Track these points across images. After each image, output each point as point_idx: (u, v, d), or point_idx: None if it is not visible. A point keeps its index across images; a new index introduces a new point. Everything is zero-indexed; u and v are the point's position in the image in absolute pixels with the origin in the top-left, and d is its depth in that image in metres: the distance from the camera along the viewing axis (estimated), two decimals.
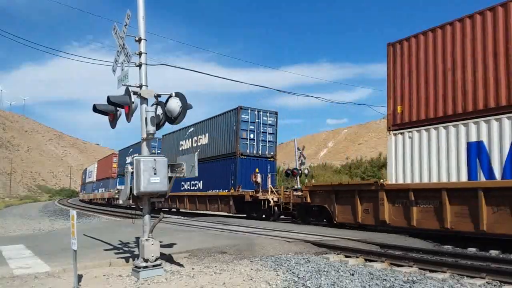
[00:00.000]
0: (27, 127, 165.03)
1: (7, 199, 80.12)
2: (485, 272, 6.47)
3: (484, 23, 10.59)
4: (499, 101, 10.01)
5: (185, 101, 6.87)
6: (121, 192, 6.91)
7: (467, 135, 10.56)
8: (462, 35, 11.06)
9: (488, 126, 10.14)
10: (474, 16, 10.82)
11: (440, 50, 11.57)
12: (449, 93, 11.16)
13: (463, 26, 11.05)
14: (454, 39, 11.25)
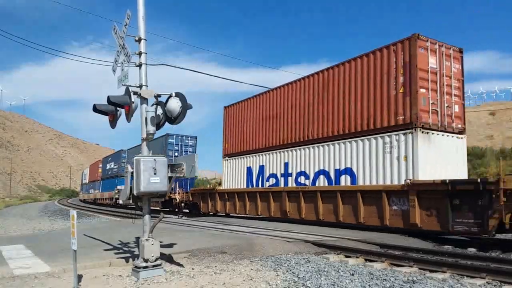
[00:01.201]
0: (27, 127, 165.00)
1: (7, 199, 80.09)
2: (485, 272, 6.47)
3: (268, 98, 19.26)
4: (273, 143, 18.48)
5: (185, 101, 6.86)
6: (121, 192, 6.91)
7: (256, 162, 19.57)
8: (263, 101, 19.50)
9: (268, 156, 18.77)
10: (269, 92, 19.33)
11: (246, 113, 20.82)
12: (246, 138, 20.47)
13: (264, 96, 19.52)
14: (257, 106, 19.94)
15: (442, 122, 12.91)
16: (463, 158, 13.50)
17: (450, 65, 13.42)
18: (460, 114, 13.58)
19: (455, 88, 13.46)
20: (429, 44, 12.97)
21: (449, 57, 13.43)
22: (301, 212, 15.51)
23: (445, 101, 13.06)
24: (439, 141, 12.76)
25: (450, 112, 13.19)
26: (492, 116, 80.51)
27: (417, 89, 12.36)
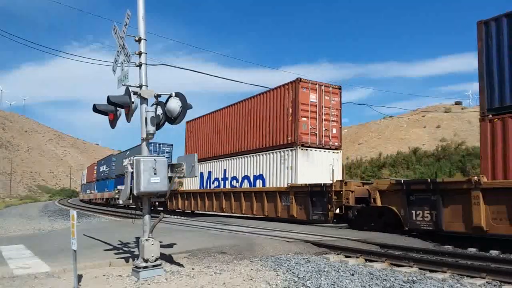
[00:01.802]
0: (27, 127, 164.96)
1: (7, 199, 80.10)
2: (485, 272, 6.47)
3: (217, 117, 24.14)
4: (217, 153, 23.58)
5: (185, 101, 6.86)
6: (121, 192, 6.91)
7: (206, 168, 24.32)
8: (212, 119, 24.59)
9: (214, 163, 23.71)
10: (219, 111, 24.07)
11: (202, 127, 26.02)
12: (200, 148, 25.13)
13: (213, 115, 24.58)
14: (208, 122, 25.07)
15: (320, 142, 17.82)
16: (338, 167, 18.05)
17: (329, 99, 18.41)
18: (337, 135, 18.48)
19: (333, 115, 18.40)
20: (310, 84, 17.97)
21: (328, 93, 18.44)
22: (232, 207, 19.97)
23: (323, 126, 17.98)
24: (316, 155, 17.61)
25: (328, 134, 18.07)
26: None
27: (299, 118, 17.35)
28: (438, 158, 47.79)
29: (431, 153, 51.80)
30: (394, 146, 66.26)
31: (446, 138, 70.91)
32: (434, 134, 77.34)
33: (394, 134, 79.19)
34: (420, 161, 47.73)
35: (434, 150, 54.16)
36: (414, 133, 75.61)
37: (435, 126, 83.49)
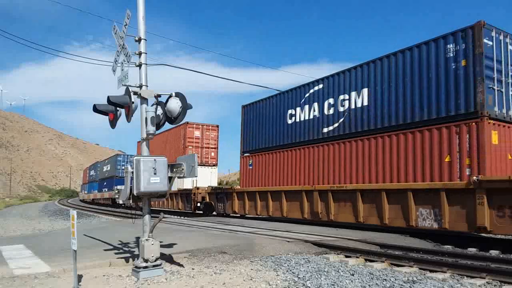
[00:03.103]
0: (27, 127, 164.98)
1: (7, 199, 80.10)
2: (485, 272, 6.47)
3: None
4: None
5: (185, 101, 6.86)
6: (121, 192, 6.91)
7: None
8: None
9: None
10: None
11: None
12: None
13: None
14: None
15: (202, 161, 27.60)
16: (215, 178, 29.26)
17: (209, 134, 28.80)
18: (215, 157, 28.89)
19: (212, 144, 28.76)
20: (195, 125, 28.23)
21: (209, 130, 28.87)
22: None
23: (205, 151, 28.18)
24: (202, 170, 26.36)
25: (208, 156, 28.38)
26: None
27: (186, 146, 27.48)
28: None
29: None
30: None
31: None
32: None
33: None
34: None
35: None
36: None
37: None
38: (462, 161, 10.83)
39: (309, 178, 15.82)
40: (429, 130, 11.65)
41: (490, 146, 10.51)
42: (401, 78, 12.75)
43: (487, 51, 10.80)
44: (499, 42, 11.23)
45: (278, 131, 17.91)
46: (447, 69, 11.50)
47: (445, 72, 11.54)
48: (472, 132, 10.67)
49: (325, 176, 15.10)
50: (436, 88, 11.75)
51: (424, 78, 12.08)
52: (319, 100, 15.84)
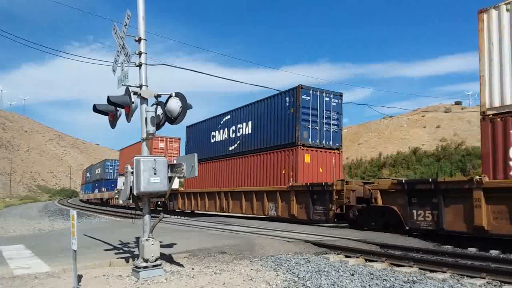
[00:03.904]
0: (27, 127, 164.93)
1: (7, 199, 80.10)
2: (485, 272, 6.47)
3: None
4: None
5: (185, 101, 6.86)
6: (121, 192, 6.91)
7: None
8: None
9: None
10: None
11: None
12: None
13: None
14: None
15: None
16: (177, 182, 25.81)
17: (172, 145, 31.39)
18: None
19: (174, 154, 30.57)
20: (159, 138, 30.59)
21: (172, 142, 31.45)
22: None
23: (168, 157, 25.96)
24: None
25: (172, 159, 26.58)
26: None
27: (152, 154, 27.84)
28: (438, 158, 47.78)
29: (431, 153, 51.80)
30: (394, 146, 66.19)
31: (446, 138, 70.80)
32: (434, 134, 77.27)
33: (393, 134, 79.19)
34: (420, 161, 47.73)
35: (434, 150, 54.18)
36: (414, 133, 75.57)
37: (435, 126, 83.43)
38: (290, 173, 16.74)
39: (221, 182, 21.80)
40: (277, 152, 17.69)
41: (302, 164, 16.60)
42: (266, 117, 18.77)
43: (304, 103, 16.74)
44: (316, 96, 17.17)
45: (206, 147, 23.70)
46: (285, 114, 17.43)
47: (284, 115, 17.46)
48: (294, 155, 16.65)
49: (228, 181, 21.05)
50: (281, 125, 17.65)
51: (276, 118, 18.05)
52: (227, 127, 22.01)
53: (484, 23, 10.55)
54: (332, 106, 17.63)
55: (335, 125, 17.82)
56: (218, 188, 21.73)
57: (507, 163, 9.64)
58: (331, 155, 17.50)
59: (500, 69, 10.06)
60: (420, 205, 11.44)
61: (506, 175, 9.64)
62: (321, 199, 14.84)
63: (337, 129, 17.96)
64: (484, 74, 10.39)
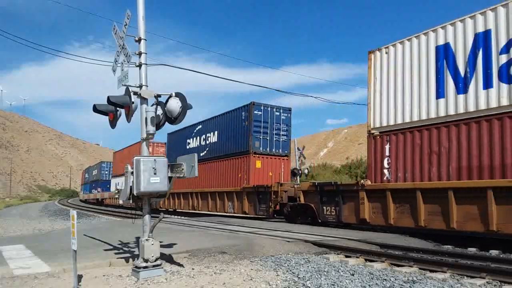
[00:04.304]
0: (27, 127, 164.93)
1: (7, 199, 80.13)
2: (485, 272, 6.47)
3: None
4: None
5: (185, 101, 6.86)
6: (121, 192, 6.91)
7: None
8: None
9: None
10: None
11: None
12: None
13: None
14: None
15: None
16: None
17: (158, 149, 32.24)
18: None
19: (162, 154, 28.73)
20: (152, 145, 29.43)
21: (158, 146, 32.32)
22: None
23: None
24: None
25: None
26: None
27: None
28: None
29: None
30: None
31: None
32: None
33: None
34: None
35: None
36: None
37: None
38: (245, 176, 19.86)
39: (194, 184, 24.20)
40: (235, 158, 20.80)
41: (254, 169, 19.72)
42: (227, 128, 22.00)
43: (256, 117, 19.94)
44: (267, 111, 20.40)
45: (183, 152, 24.49)
46: (242, 126, 20.59)
47: (241, 127, 20.63)
48: (247, 161, 19.85)
49: (199, 183, 23.77)
50: (238, 136, 20.80)
51: (234, 129, 21.26)
52: (199, 135, 25.14)
53: (371, 61, 13.27)
54: (281, 119, 20.77)
55: (284, 135, 21.00)
56: (191, 189, 24.88)
57: (382, 171, 12.42)
58: (280, 161, 20.74)
59: (380, 98, 12.84)
60: (328, 202, 14.41)
61: (381, 180, 12.41)
62: (264, 198, 18.29)
63: (286, 139, 21.06)
64: (370, 102, 13.14)
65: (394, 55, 12.64)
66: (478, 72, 10.49)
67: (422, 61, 11.78)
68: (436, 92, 11.37)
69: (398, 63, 12.47)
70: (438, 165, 11.05)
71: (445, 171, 10.84)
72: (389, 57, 12.80)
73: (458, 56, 10.96)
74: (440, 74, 11.34)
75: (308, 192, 15.46)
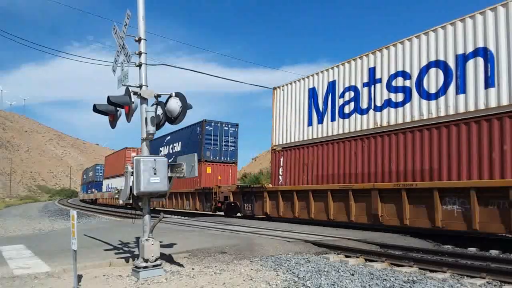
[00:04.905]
0: (27, 127, 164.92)
1: (7, 199, 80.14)
2: (485, 272, 6.47)
3: None
4: None
5: (185, 101, 6.86)
6: (121, 192, 6.91)
7: None
8: None
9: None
10: None
11: None
12: None
13: None
14: None
15: None
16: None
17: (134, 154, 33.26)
18: None
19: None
20: (132, 149, 35.17)
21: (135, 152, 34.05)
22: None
23: None
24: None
25: None
26: None
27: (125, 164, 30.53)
28: None
29: None
30: None
31: None
32: None
33: None
34: None
35: None
36: None
37: None
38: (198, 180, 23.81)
39: None
40: None
41: (205, 174, 24.03)
42: (187, 140, 26.17)
43: (207, 132, 24.64)
44: (217, 126, 25.08)
45: None
46: (197, 138, 24.97)
47: (196, 139, 25.07)
48: (200, 167, 22.70)
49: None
50: (194, 146, 24.66)
51: (191, 141, 25.61)
52: (168, 145, 29.06)
53: (274, 96, 18.17)
54: (230, 133, 25.44)
55: (232, 146, 25.58)
56: None
57: (278, 177, 17.13)
58: (228, 167, 25.36)
59: (279, 123, 17.49)
60: (247, 201, 19.26)
61: (277, 184, 17.16)
62: (208, 198, 22.68)
63: (234, 149, 25.70)
64: (273, 125, 17.87)
65: (287, 92, 17.25)
66: (328, 109, 15.06)
67: (301, 98, 16.37)
68: (308, 121, 15.95)
69: (289, 98, 17.14)
70: (306, 173, 15.66)
71: (310, 178, 15.52)
72: (284, 93, 17.47)
73: (319, 97, 15.53)
74: (309, 109, 15.94)
75: (235, 193, 20.64)
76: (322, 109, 15.22)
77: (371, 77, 13.52)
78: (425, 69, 11.79)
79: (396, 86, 12.57)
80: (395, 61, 12.70)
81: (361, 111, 13.68)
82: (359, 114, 13.73)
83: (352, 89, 14.18)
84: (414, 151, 11.71)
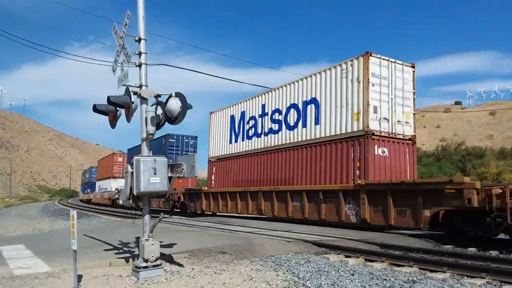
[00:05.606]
0: (27, 127, 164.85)
1: (7, 199, 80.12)
2: (485, 272, 6.47)
3: None
4: None
5: (185, 101, 6.86)
6: (121, 192, 6.91)
7: None
8: None
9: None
10: None
11: None
12: None
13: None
14: None
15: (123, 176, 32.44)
16: None
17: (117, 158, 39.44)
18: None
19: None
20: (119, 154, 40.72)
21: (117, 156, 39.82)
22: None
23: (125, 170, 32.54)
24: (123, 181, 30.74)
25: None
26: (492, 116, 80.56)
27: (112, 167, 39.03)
28: (438, 157, 47.75)
29: (431, 153, 51.79)
30: None
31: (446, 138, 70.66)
32: (434, 134, 77.23)
33: None
34: (420, 161, 47.77)
35: (434, 150, 54.14)
36: None
37: (435, 126, 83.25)
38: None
39: None
40: None
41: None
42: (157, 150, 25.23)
43: (170, 143, 28.32)
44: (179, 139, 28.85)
45: None
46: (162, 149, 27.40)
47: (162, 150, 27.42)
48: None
49: None
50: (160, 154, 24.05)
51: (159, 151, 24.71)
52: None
53: (211, 119, 23.33)
54: (190, 144, 29.11)
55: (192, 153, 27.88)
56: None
57: (211, 182, 22.43)
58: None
59: (214, 140, 22.75)
60: (192, 200, 23.28)
61: (211, 187, 22.22)
62: (168, 198, 24.97)
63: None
64: (210, 141, 22.99)
65: (218, 117, 22.57)
66: (241, 132, 20.22)
67: (226, 122, 21.73)
68: (229, 140, 21.25)
69: (219, 121, 22.49)
70: (228, 179, 20.87)
71: (229, 183, 20.67)
72: (217, 117, 22.80)
73: (236, 122, 20.79)
74: (230, 131, 21.16)
75: (185, 193, 24.40)
76: (237, 131, 20.68)
77: (263, 111, 18.95)
78: (289, 108, 17.13)
79: (275, 119, 17.98)
80: (274, 101, 18.08)
81: (258, 135, 19.10)
82: (256, 137, 19.15)
83: (253, 119, 19.65)
84: (280, 164, 17.03)
